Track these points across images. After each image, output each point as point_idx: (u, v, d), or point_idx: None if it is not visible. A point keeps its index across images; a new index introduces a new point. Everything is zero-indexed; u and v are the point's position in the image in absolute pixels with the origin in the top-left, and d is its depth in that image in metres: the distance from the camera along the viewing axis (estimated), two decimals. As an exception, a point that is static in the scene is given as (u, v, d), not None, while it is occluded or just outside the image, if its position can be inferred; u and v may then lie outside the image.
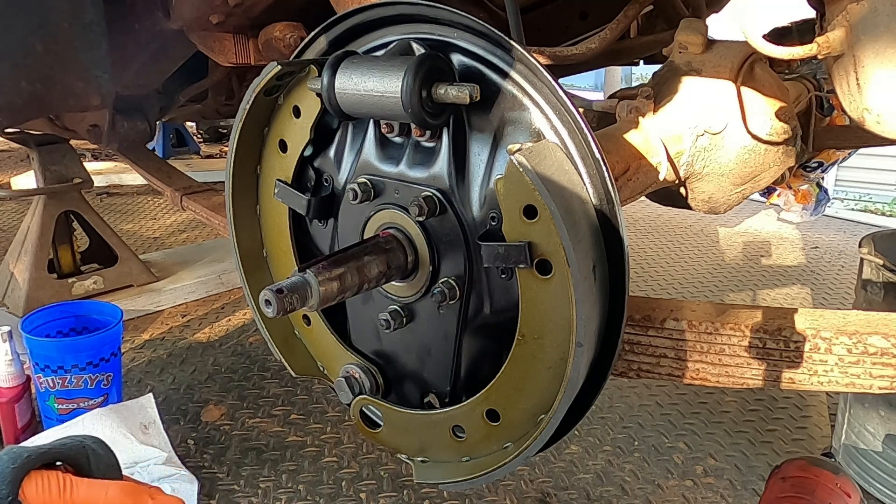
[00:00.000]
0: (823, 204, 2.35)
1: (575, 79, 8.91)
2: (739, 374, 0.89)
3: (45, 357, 2.03)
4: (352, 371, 0.94)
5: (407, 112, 0.74)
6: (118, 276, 3.21)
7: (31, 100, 1.65)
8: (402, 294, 0.88)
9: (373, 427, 0.93)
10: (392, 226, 0.85)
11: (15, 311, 2.95)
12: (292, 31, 1.67)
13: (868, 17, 0.82)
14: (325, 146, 0.95)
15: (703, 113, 1.09)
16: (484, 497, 2.03)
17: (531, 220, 0.69)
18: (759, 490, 2.07)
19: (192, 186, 2.77)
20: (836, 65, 0.89)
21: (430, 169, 0.82)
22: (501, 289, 0.81)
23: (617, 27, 1.35)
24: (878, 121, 0.86)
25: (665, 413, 2.52)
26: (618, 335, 0.76)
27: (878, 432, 2.03)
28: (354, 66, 0.79)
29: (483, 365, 0.86)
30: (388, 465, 2.10)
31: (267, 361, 2.72)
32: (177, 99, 2.68)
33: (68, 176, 3.12)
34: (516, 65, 0.75)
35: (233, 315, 3.19)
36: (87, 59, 1.69)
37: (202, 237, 4.40)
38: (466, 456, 0.87)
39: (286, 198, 0.96)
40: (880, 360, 0.82)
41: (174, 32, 1.87)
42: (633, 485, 2.11)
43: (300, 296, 0.72)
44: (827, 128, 1.67)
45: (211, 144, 7.35)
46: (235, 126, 0.95)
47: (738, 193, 1.17)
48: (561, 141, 0.73)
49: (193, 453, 2.13)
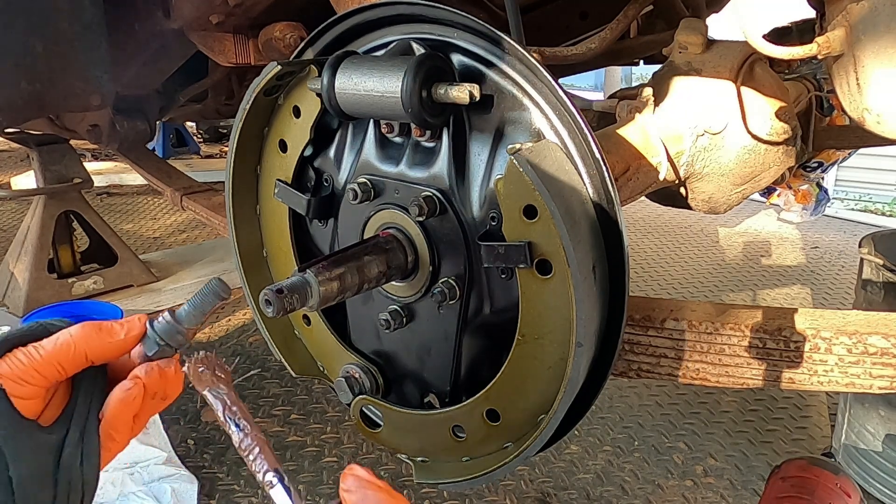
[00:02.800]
0: (823, 204, 2.35)
1: (575, 79, 8.92)
2: (739, 374, 0.89)
3: (45, 357, 2.03)
4: (352, 371, 0.94)
5: (407, 112, 0.74)
6: (118, 276, 3.21)
7: (31, 100, 1.65)
8: (402, 294, 0.87)
9: (373, 427, 0.93)
10: (392, 226, 0.85)
11: (15, 311, 2.95)
12: (292, 31, 1.67)
13: (868, 17, 0.82)
14: (325, 146, 0.95)
15: (703, 113, 1.09)
16: (484, 497, 2.03)
17: (531, 220, 0.69)
18: (759, 490, 2.07)
19: (192, 186, 2.77)
20: (836, 65, 0.89)
21: (430, 169, 0.82)
22: (501, 289, 0.81)
23: (617, 27, 1.35)
24: (878, 121, 0.86)
25: (665, 413, 2.52)
26: (618, 335, 0.76)
27: (878, 432, 2.03)
28: (354, 66, 0.79)
29: (483, 365, 0.86)
30: (388, 465, 2.10)
31: (267, 361, 2.73)
32: (177, 99, 2.68)
33: (68, 176, 3.13)
34: (516, 65, 0.75)
35: (233, 315, 3.19)
36: (87, 59, 1.69)
37: (202, 237, 4.40)
38: (466, 456, 0.87)
39: (286, 198, 0.96)
40: (880, 360, 0.82)
41: (174, 32, 1.87)
42: (633, 485, 2.11)
43: (300, 296, 0.72)
44: (827, 128, 1.67)
45: (211, 144, 7.35)
46: (235, 126, 0.95)
47: (738, 193, 1.16)
48: (561, 141, 0.73)
49: (193, 453, 2.13)
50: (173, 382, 0.70)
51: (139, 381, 0.68)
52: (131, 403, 0.67)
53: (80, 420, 0.66)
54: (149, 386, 0.68)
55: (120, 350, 0.68)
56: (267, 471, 0.59)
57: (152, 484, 1.93)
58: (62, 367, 0.64)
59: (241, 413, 0.64)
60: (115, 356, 0.69)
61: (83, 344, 0.65)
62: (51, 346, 0.64)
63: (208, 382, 0.67)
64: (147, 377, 0.68)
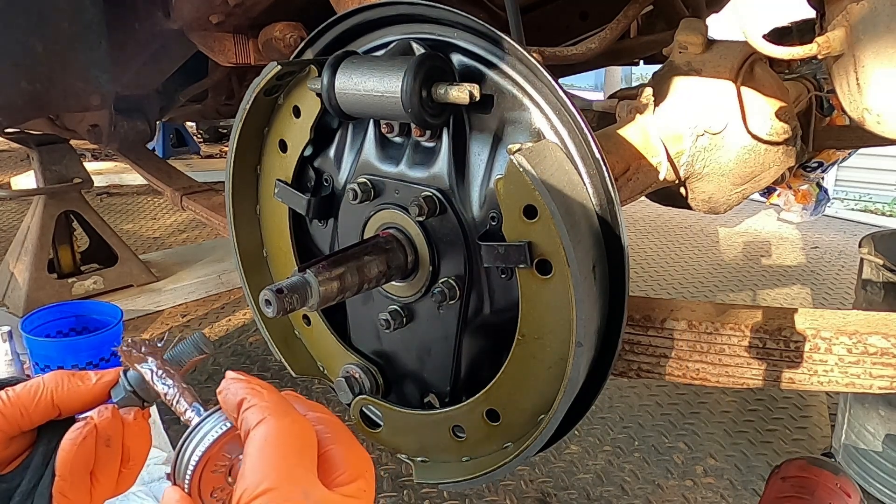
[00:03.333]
0: (823, 204, 2.35)
1: (575, 79, 8.91)
2: (739, 374, 0.89)
3: (45, 357, 2.03)
4: (352, 371, 0.94)
5: (407, 112, 0.74)
6: (118, 276, 3.21)
7: (31, 100, 1.65)
8: (402, 294, 0.87)
9: (373, 427, 0.93)
10: (392, 226, 0.85)
11: (15, 311, 2.95)
12: (292, 31, 1.67)
13: (868, 17, 0.82)
14: (325, 146, 0.95)
15: (703, 113, 1.09)
16: (484, 497, 2.03)
17: (531, 220, 0.69)
18: (759, 490, 2.07)
19: (192, 186, 2.77)
20: (836, 65, 0.89)
21: (430, 169, 0.82)
22: (501, 289, 0.81)
23: (617, 27, 1.35)
24: (878, 121, 0.86)
25: (665, 413, 2.52)
26: (618, 335, 0.76)
27: (878, 432, 2.03)
28: (354, 66, 0.79)
29: (483, 365, 0.86)
30: (388, 465, 2.10)
31: (267, 361, 2.73)
32: (177, 99, 2.68)
33: (68, 176, 3.13)
34: (516, 65, 0.75)
35: (233, 315, 3.19)
36: (87, 59, 1.69)
37: (202, 237, 4.40)
38: (466, 456, 0.87)
39: (286, 198, 0.96)
40: (880, 360, 0.82)
41: (174, 32, 1.87)
42: (633, 485, 2.11)
43: (300, 296, 0.72)
44: (827, 128, 1.67)
45: (211, 144, 7.35)
46: (235, 126, 0.95)
47: (738, 193, 1.16)
48: (561, 141, 0.73)
49: (193, 453, 2.12)
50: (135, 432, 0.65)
51: (90, 421, 0.63)
52: (82, 445, 0.61)
53: (36, 472, 0.62)
54: (101, 428, 0.63)
55: (90, 397, 0.65)
56: (187, 409, 0.61)
57: (152, 484, 1.93)
58: (27, 412, 0.61)
59: (167, 374, 0.66)
60: (84, 404, 0.65)
61: (52, 386, 0.63)
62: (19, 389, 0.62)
63: (137, 359, 0.67)
64: (99, 417, 0.63)
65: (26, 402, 0.62)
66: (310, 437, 0.51)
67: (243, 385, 0.53)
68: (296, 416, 0.51)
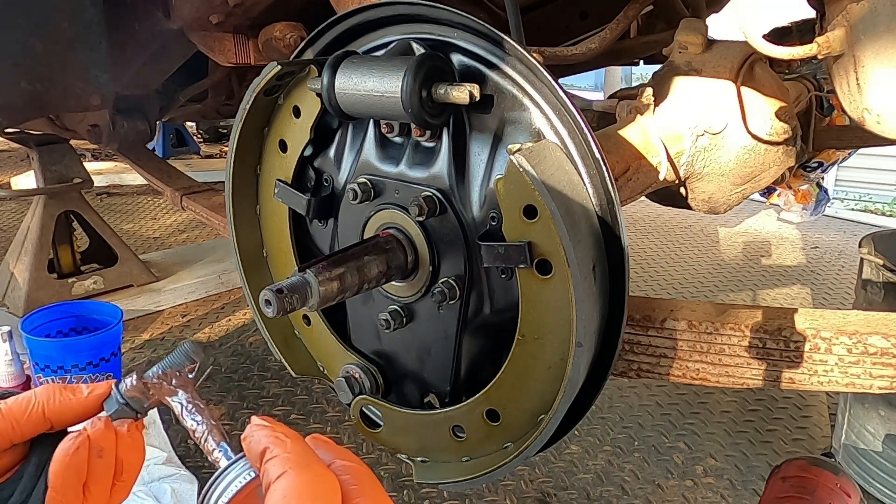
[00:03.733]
0: (823, 204, 2.35)
1: (575, 79, 8.92)
2: (739, 374, 0.89)
3: (45, 357, 2.03)
4: (352, 371, 0.94)
5: (407, 112, 0.74)
6: (118, 276, 3.21)
7: (31, 100, 1.65)
8: (402, 294, 0.87)
9: (373, 427, 0.93)
10: (392, 226, 0.85)
11: (15, 311, 2.95)
12: (292, 30, 1.67)
13: (868, 17, 0.82)
14: (325, 146, 0.95)
15: (703, 113, 1.09)
16: (484, 497, 2.03)
17: (531, 220, 0.69)
18: (759, 490, 2.07)
19: (192, 186, 2.77)
20: (836, 65, 0.89)
21: (430, 169, 0.82)
22: (501, 289, 0.81)
23: (617, 27, 1.35)
24: (878, 121, 0.86)
25: (665, 413, 2.52)
26: (618, 335, 0.76)
27: (878, 432, 2.04)
28: (354, 66, 0.79)
29: (483, 365, 0.86)
30: (388, 464, 2.10)
31: (267, 361, 2.73)
32: (177, 99, 2.68)
33: (68, 176, 3.13)
34: (517, 65, 0.75)
35: (233, 315, 3.19)
36: (87, 59, 1.70)
37: (202, 237, 4.40)
38: (466, 456, 0.87)
39: (286, 198, 0.96)
40: (880, 360, 0.82)
41: (174, 32, 1.87)
42: (633, 485, 2.12)
43: (300, 296, 0.72)
44: (827, 128, 1.67)
45: (211, 144, 7.35)
46: (235, 126, 0.95)
47: (738, 193, 1.16)
48: (561, 141, 0.73)
49: (193, 453, 2.13)
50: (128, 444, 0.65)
51: (83, 432, 0.63)
52: (74, 456, 0.61)
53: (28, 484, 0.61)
54: (93, 439, 0.62)
55: (82, 409, 0.65)
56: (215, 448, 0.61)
57: (152, 484, 1.93)
58: (19, 425, 0.61)
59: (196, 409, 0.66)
60: (77, 417, 0.65)
61: (43, 399, 0.63)
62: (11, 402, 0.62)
63: (168, 392, 0.67)
64: (92, 429, 0.63)
65: (17, 415, 0.62)
66: (332, 492, 0.49)
67: (267, 433, 0.52)
68: (318, 470, 0.49)
